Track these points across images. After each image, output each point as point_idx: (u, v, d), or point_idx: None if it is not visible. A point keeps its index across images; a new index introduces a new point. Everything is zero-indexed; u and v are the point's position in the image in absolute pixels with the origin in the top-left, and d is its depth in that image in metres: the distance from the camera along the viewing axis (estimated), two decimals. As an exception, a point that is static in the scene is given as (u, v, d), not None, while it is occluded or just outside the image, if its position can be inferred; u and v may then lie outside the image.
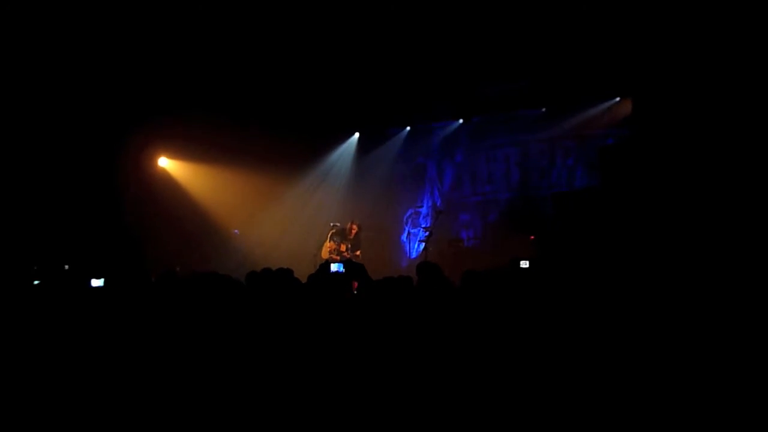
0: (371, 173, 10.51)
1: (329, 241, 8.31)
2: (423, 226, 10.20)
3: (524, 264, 5.77)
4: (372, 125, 10.38)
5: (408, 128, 10.56)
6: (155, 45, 7.14)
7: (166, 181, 9.42)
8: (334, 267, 4.89)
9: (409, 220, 10.53)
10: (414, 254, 10.01)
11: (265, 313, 3.12)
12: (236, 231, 9.74)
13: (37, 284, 4.65)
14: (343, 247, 8.30)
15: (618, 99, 8.55)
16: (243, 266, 7.12)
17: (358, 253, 8.28)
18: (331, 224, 8.54)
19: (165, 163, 9.57)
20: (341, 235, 8.44)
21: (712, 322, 2.36)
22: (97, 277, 4.36)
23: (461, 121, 10.06)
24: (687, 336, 2.31)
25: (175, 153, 9.44)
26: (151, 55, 7.38)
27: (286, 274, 3.72)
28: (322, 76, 8.46)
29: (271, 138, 9.21)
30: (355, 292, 3.79)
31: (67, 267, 6.64)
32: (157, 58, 7.48)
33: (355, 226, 8.38)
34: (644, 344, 2.32)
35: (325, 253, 8.26)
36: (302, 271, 4.66)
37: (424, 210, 10.52)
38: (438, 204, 10.33)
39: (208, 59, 7.70)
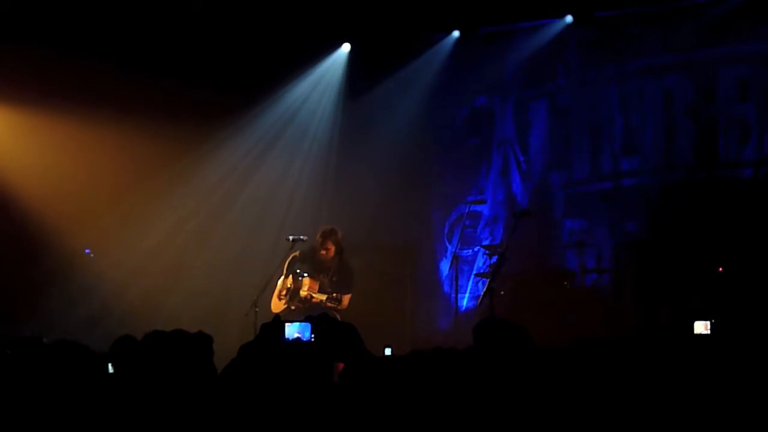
0: (376, 131, 10.55)
1: (285, 277, 8.52)
2: (485, 242, 10.11)
3: (702, 327, 5.88)
4: (379, 28, 10.40)
5: (456, 33, 10.61)
6: None
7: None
8: (291, 329, 5.00)
9: (457, 231, 10.40)
10: (468, 302, 9.98)
11: (150, 422, 3.30)
12: (88, 251, 9.77)
13: None
14: (310, 285, 8.46)
15: None
16: (103, 324, 7.36)
17: (341, 305, 8.38)
18: (290, 239, 8.65)
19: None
20: (309, 260, 8.64)
21: None
22: None
23: (570, 19, 10.07)
24: None
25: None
26: None
27: (196, 343, 3.93)
28: None
29: (168, 63, 9.35)
30: (338, 381, 3.83)
31: None
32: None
33: (330, 244, 8.53)
34: None
35: (278, 304, 8.51)
36: (229, 337, 4.90)
37: (487, 208, 10.51)
38: (518, 197, 10.29)
39: None
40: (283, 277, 8.58)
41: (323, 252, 8.52)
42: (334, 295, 8.35)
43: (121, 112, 9.48)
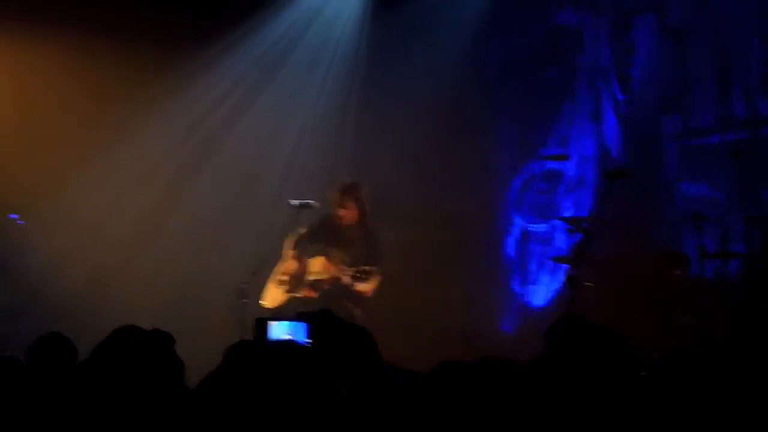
0: (417, 57, 10.45)
1: (293, 257, 8.71)
2: (567, 214, 10.11)
3: None
4: None
5: None
6: None
7: None
8: (278, 329, 5.20)
9: (527, 197, 10.48)
10: (541, 297, 9.94)
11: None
12: (15, 216, 9.84)
13: None
14: (324, 266, 8.52)
15: None
16: (31, 315, 7.62)
17: (365, 289, 8.54)
18: (295, 203, 8.76)
19: None
20: (322, 235, 8.82)
21: None
22: None
23: None
24: None
25: None
26: None
27: (156, 345, 4.13)
28: None
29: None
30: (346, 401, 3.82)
31: None
32: None
33: (350, 203, 8.69)
34: None
35: (273, 296, 8.66)
36: (206, 339, 4.96)
37: (570, 167, 10.47)
38: (614, 151, 10.20)
39: None
40: (284, 260, 8.61)
41: (341, 213, 8.57)
42: (362, 269, 8.32)
43: (63, 24, 9.44)
